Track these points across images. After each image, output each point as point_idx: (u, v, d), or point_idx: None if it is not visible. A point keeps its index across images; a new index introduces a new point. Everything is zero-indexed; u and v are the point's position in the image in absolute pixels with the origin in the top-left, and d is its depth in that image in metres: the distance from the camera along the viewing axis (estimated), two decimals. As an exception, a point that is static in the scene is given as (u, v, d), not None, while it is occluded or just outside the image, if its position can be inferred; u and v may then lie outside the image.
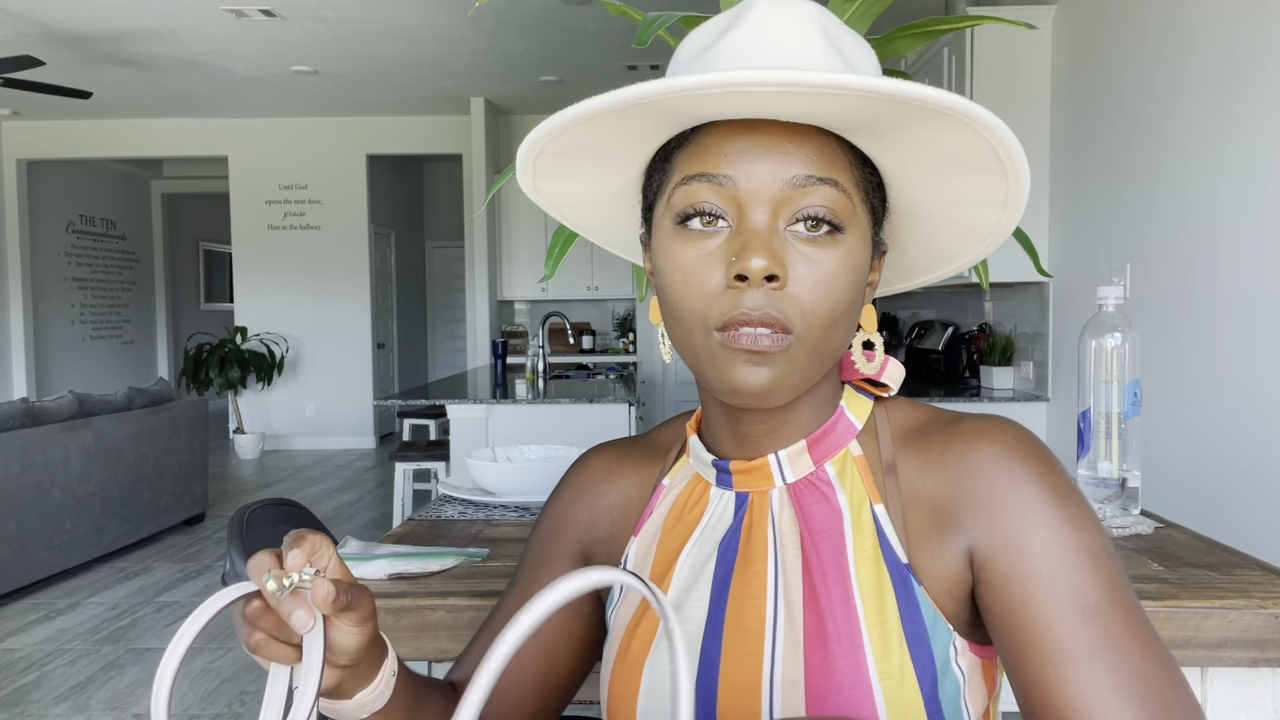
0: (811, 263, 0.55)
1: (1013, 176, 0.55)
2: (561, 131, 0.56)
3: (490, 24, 5.18)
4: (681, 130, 0.58)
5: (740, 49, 0.56)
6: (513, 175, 0.78)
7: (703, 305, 0.55)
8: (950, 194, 0.59)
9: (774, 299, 0.54)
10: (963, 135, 0.53)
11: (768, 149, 0.54)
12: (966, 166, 0.56)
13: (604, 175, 0.63)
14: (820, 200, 0.55)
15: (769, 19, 0.56)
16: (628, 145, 0.59)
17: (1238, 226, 2.37)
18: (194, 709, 2.80)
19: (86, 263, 8.71)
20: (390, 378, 8.70)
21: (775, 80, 0.48)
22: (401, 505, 4.32)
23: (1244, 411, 2.36)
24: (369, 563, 1.06)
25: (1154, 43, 2.75)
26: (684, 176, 0.56)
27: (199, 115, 7.58)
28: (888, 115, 0.52)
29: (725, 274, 0.55)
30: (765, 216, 0.55)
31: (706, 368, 0.57)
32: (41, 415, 4.00)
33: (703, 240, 0.56)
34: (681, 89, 0.49)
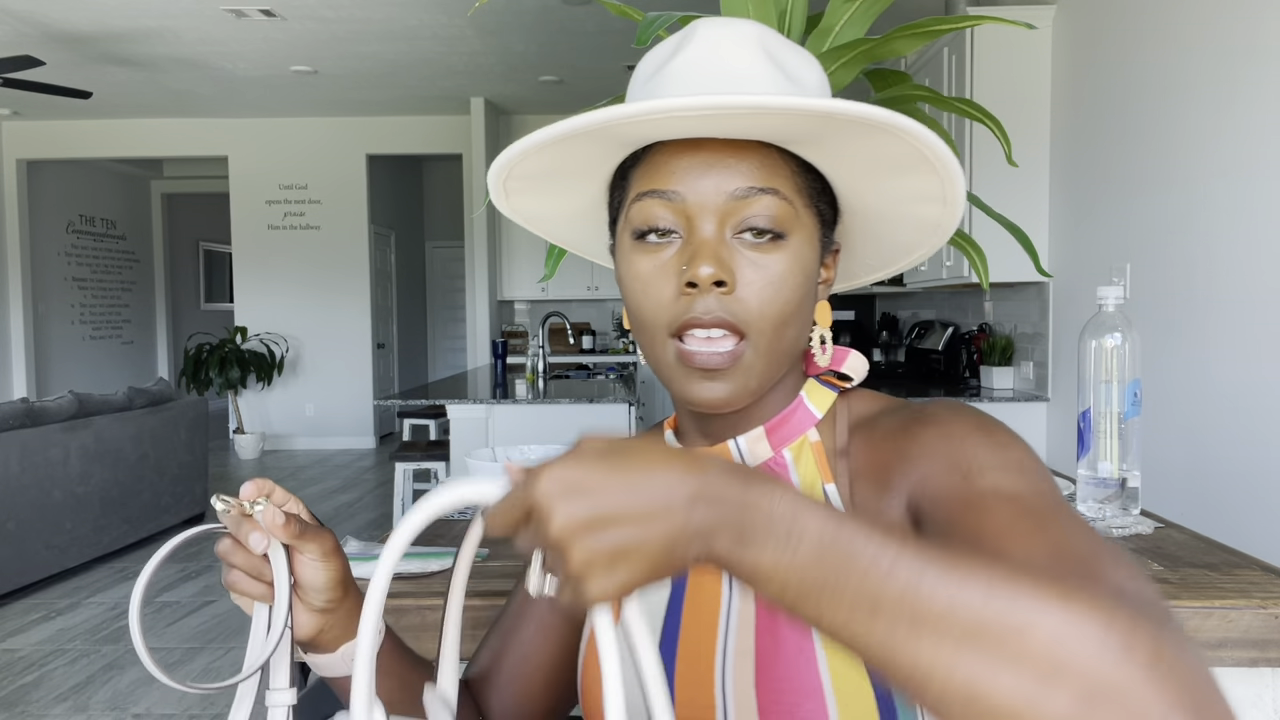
0: (758, 267, 0.59)
1: (945, 175, 0.59)
2: (522, 159, 0.61)
3: (490, 24, 5.18)
4: (635, 150, 0.62)
5: (686, 72, 0.60)
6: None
7: (659, 312, 0.60)
8: (893, 194, 0.63)
9: (724, 303, 0.58)
10: (892, 142, 0.56)
11: (711, 164, 0.58)
12: (903, 169, 0.59)
13: (571, 194, 0.68)
14: (762, 209, 0.58)
15: (712, 42, 0.61)
16: (588, 167, 0.64)
17: (1237, 227, 2.37)
18: (194, 709, 2.80)
19: (86, 263, 8.71)
20: (390, 378, 8.70)
21: (705, 105, 0.52)
22: (401, 505, 4.32)
23: (1244, 411, 2.36)
24: (369, 563, 1.06)
25: (1154, 43, 2.75)
26: (638, 193, 0.61)
27: (199, 115, 7.58)
28: (819, 128, 0.56)
29: (678, 282, 0.59)
30: (712, 227, 0.59)
31: (668, 379, 0.62)
32: (41, 415, 4.00)
33: (658, 251, 0.60)
34: (623, 117, 0.53)
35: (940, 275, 3.90)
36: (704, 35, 0.61)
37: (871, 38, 1.03)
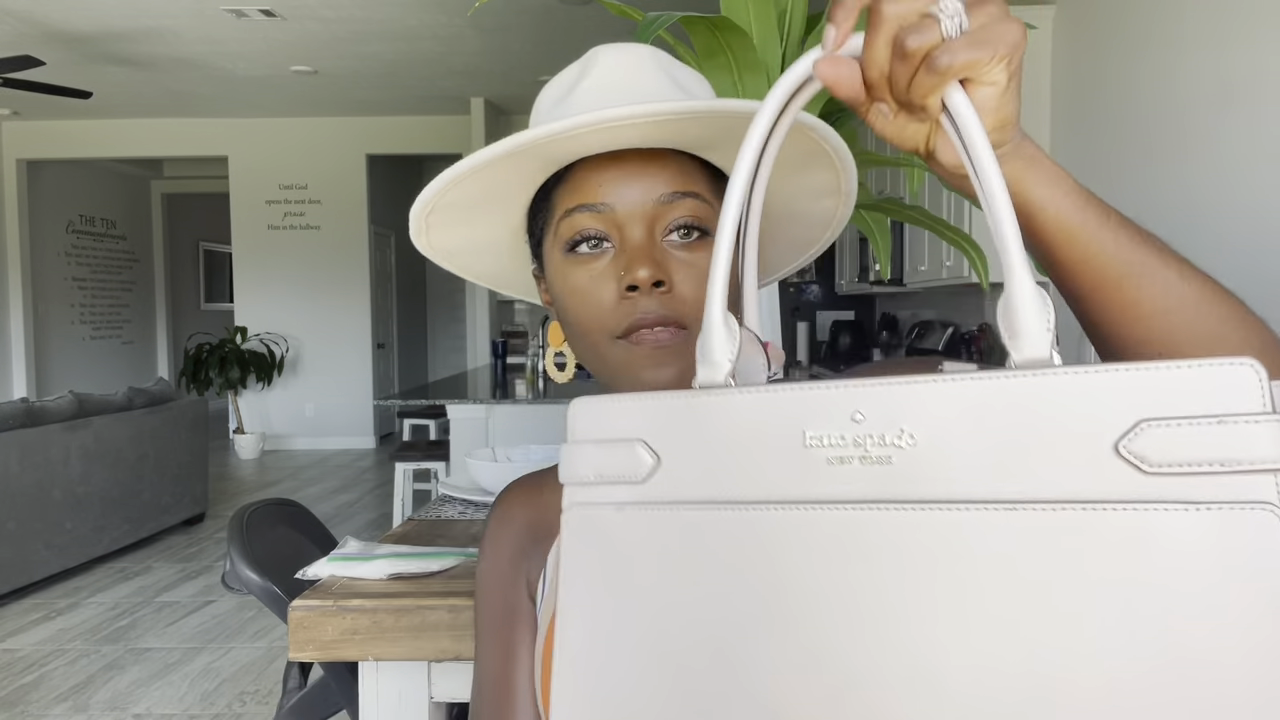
0: (689, 265, 0.62)
1: (842, 167, 0.65)
2: (453, 185, 0.63)
3: (490, 24, 5.18)
4: (556, 170, 0.65)
5: (595, 93, 0.64)
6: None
7: (603, 319, 0.62)
8: (794, 191, 0.68)
9: (664, 302, 0.61)
10: (792, 137, 0.60)
11: (635, 175, 0.62)
12: (803, 164, 0.64)
13: (491, 221, 0.70)
14: (686, 211, 0.62)
15: (615, 64, 0.65)
16: (510, 191, 0.67)
17: (1237, 227, 2.37)
18: (194, 709, 2.80)
19: (86, 263, 8.71)
20: (390, 378, 8.70)
21: (633, 114, 0.56)
22: (401, 505, 4.32)
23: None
24: (369, 563, 1.06)
25: (1153, 43, 2.75)
26: (566, 210, 0.63)
27: (199, 115, 7.58)
28: (728, 131, 0.60)
29: (617, 288, 0.62)
30: (643, 232, 0.62)
31: (617, 373, 0.64)
32: (41, 415, 4.00)
33: (592, 262, 0.63)
34: (557, 131, 0.57)
35: (940, 275, 3.89)
36: (605, 61, 0.65)
37: (871, 38, 1.03)
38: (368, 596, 0.98)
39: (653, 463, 0.42)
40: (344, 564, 1.07)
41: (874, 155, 1.10)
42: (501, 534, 0.75)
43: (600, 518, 0.43)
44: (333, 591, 1.00)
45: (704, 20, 1.01)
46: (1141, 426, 0.32)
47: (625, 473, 0.42)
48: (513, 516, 0.75)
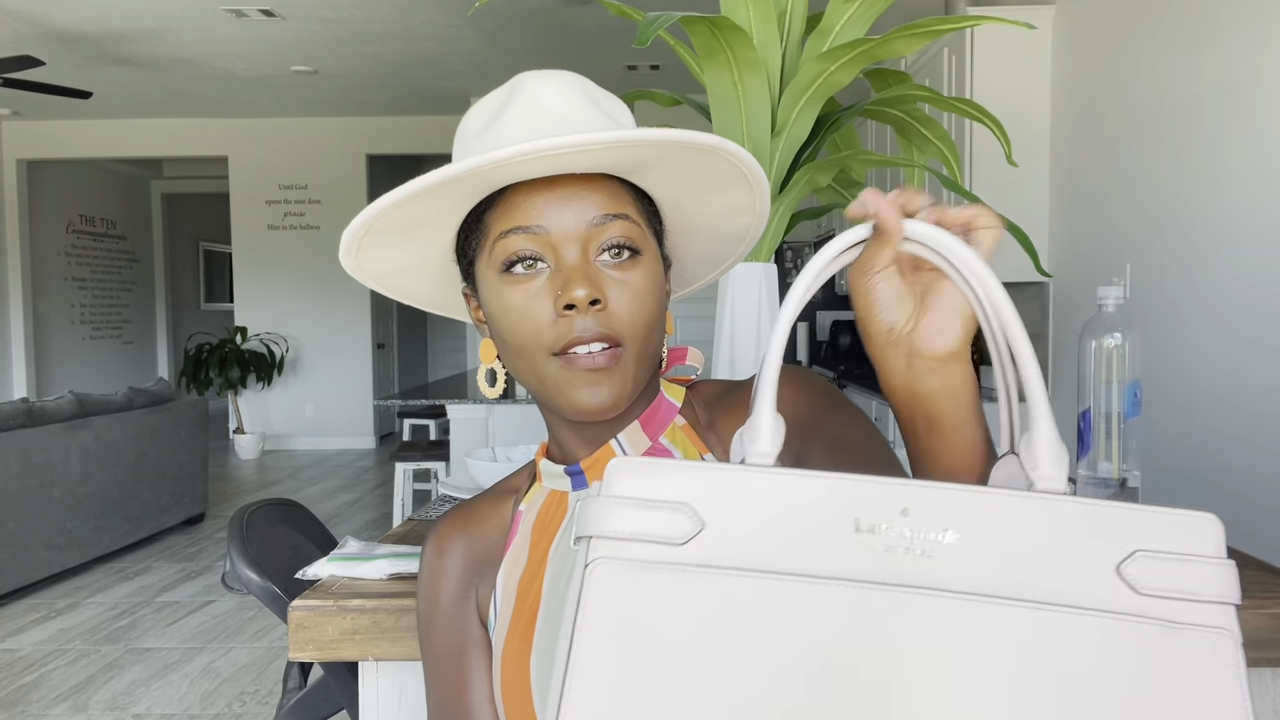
0: (622, 284, 0.65)
1: (757, 189, 0.69)
2: (390, 210, 0.64)
3: (490, 24, 5.18)
4: (488, 194, 0.67)
5: (524, 119, 0.67)
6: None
7: (539, 336, 0.65)
8: (712, 209, 0.72)
9: (600, 319, 0.64)
10: (715, 162, 0.65)
11: (568, 199, 0.65)
12: (722, 185, 0.68)
13: (423, 242, 0.72)
14: (618, 232, 0.65)
15: (540, 91, 0.68)
16: (442, 217, 0.68)
17: (1238, 227, 2.37)
18: (194, 709, 2.80)
19: (86, 263, 8.70)
20: (390, 378, 8.70)
21: (576, 142, 0.59)
22: (401, 505, 4.32)
23: (1244, 412, 2.36)
24: (369, 563, 1.06)
25: (1154, 42, 2.75)
26: (501, 232, 0.65)
27: (199, 115, 7.58)
28: (656, 156, 0.64)
29: (554, 306, 0.64)
30: (577, 253, 0.64)
31: (552, 392, 0.66)
32: (41, 415, 4.00)
33: (527, 282, 0.65)
34: (500, 159, 0.59)
35: (940, 275, 3.89)
36: (533, 88, 0.68)
37: (871, 38, 1.03)
38: (368, 596, 0.98)
39: (695, 527, 0.44)
40: (344, 564, 1.07)
41: (874, 155, 1.10)
42: (442, 564, 0.76)
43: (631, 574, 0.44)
44: (333, 591, 1.00)
45: (704, 20, 1.01)
46: (1136, 555, 0.40)
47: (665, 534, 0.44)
48: (452, 546, 0.76)
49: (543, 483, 0.76)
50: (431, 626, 0.75)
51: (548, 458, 0.77)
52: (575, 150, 0.60)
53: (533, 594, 0.70)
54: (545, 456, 0.77)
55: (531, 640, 0.68)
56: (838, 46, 1.05)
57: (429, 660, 0.75)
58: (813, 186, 1.18)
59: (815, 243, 6.36)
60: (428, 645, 0.75)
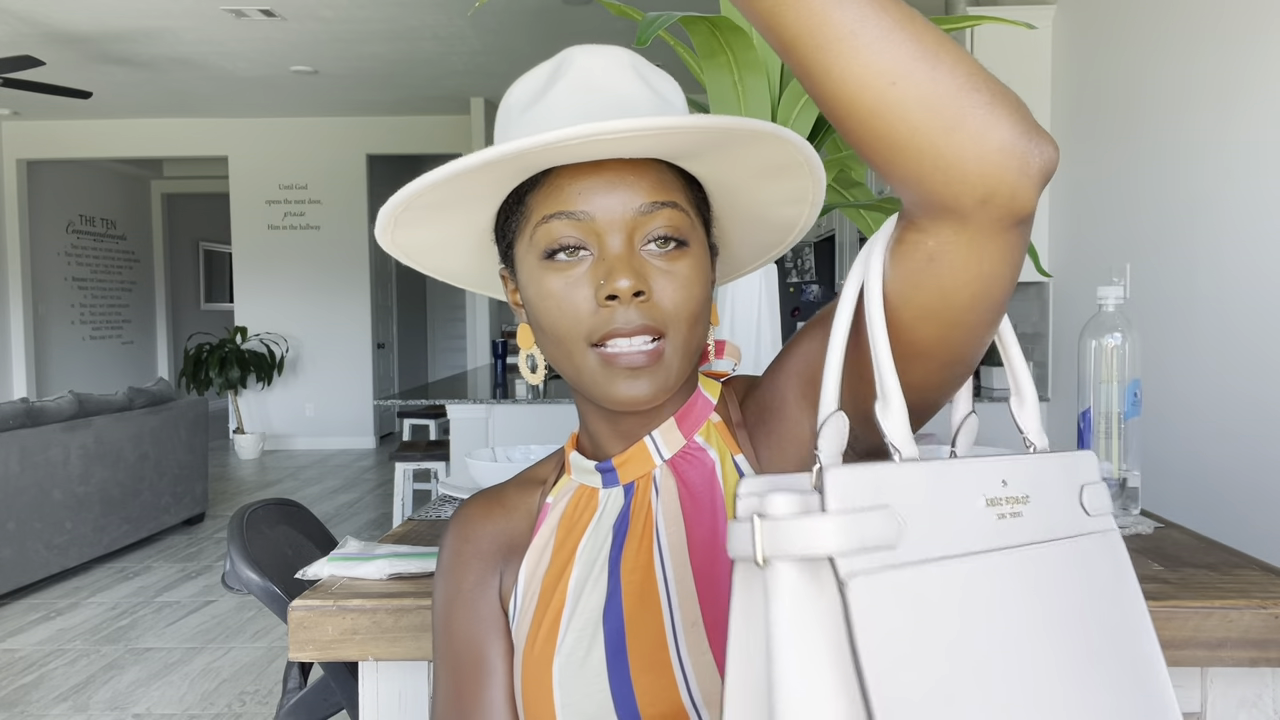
0: (668, 274, 0.63)
1: (814, 177, 0.66)
2: (430, 190, 0.62)
3: (490, 24, 5.18)
4: (531, 175, 0.65)
5: (571, 97, 0.64)
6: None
7: (578, 325, 0.63)
8: (764, 197, 0.69)
9: (643, 311, 0.62)
10: (771, 149, 0.62)
11: (615, 184, 0.62)
12: (777, 173, 0.65)
13: (460, 223, 0.70)
14: (665, 221, 0.63)
15: (590, 68, 0.65)
16: (483, 195, 0.66)
17: (1238, 226, 2.37)
18: (194, 709, 2.80)
19: (86, 263, 8.70)
20: (390, 378, 8.70)
21: (631, 127, 0.56)
22: (401, 505, 4.33)
23: (1244, 411, 2.36)
24: (369, 563, 1.06)
25: (1154, 42, 2.75)
26: (544, 216, 0.63)
27: (199, 115, 7.58)
28: (709, 141, 0.61)
29: (595, 295, 0.62)
30: (622, 241, 0.62)
31: (589, 384, 0.64)
32: (41, 415, 4.00)
33: (569, 269, 0.63)
34: (550, 142, 0.56)
35: (940, 275, 3.89)
36: (581, 63, 0.65)
37: (871, 38, 1.03)
38: (368, 596, 0.98)
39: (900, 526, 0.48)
40: (344, 564, 1.07)
41: (874, 155, 1.10)
42: (465, 550, 0.75)
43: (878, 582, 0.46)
44: (333, 591, 1.00)
45: (704, 20, 1.01)
46: (1084, 488, 0.54)
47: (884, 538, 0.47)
48: (475, 533, 0.75)
49: (571, 476, 0.74)
50: (451, 613, 0.73)
51: (578, 450, 0.75)
52: (627, 135, 0.57)
53: (558, 593, 0.68)
54: (576, 448, 0.75)
55: (556, 640, 0.66)
56: (838, 46, 1.05)
57: (445, 648, 0.73)
58: (813, 186, 1.18)
59: (815, 243, 6.36)
60: (445, 633, 0.73)
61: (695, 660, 0.61)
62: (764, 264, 0.80)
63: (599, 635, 0.64)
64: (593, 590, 0.67)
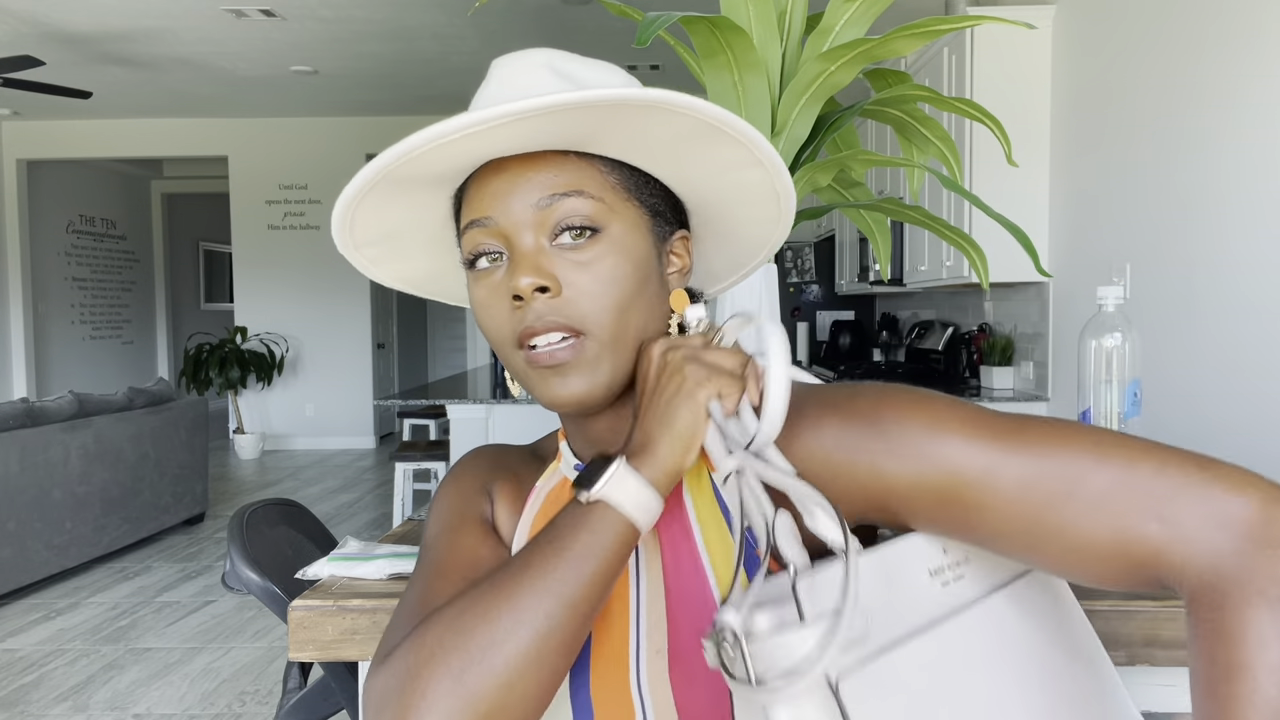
0: (582, 265, 0.61)
1: (741, 136, 0.60)
2: (347, 225, 0.65)
3: (490, 24, 5.18)
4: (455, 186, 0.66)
5: (479, 106, 0.63)
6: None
7: (502, 330, 0.63)
8: (710, 169, 0.65)
9: (554, 306, 0.60)
10: (668, 119, 0.59)
11: (513, 182, 0.61)
12: (695, 141, 0.61)
13: (423, 251, 0.71)
14: (567, 212, 0.61)
15: (504, 76, 0.65)
16: (421, 220, 0.68)
17: (1238, 226, 2.37)
18: (194, 709, 2.80)
19: (86, 263, 8.70)
20: (390, 378, 8.70)
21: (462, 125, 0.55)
22: (401, 505, 4.32)
23: (1244, 411, 2.36)
24: (369, 563, 1.06)
25: (1154, 42, 2.75)
26: (463, 227, 0.64)
27: (199, 115, 7.58)
28: (589, 122, 0.58)
29: (509, 298, 0.62)
30: (529, 239, 0.61)
31: (528, 388, 0.64)
32: (41, 415, 4.00)
33: (490, 275, 0.63)
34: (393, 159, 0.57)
35: (940, 275, 3.90)
36: (497, 71, 0.65)
37: (871, 38, 1.03)
38: (368, 596, 0.98)
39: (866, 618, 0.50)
40: (344, 564, 1.07)
41: (874, 155, 1.10)
42: (471, 469, 0.75)
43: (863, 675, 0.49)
44: (333, 591, 1.00)
45: (704, 20, 1.01)
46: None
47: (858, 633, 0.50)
48: (482, 468, 0.76)
49: (560, 465, 0.74)
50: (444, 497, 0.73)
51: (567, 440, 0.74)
52: (477, 129, 0.55)
53: None
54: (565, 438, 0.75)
55: None
56: (838, 46, 1.05)
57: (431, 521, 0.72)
58: (813, 186, 1.18)
59: (815, 243, 6.36)
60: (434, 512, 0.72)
61: (654, 691, 0.59)
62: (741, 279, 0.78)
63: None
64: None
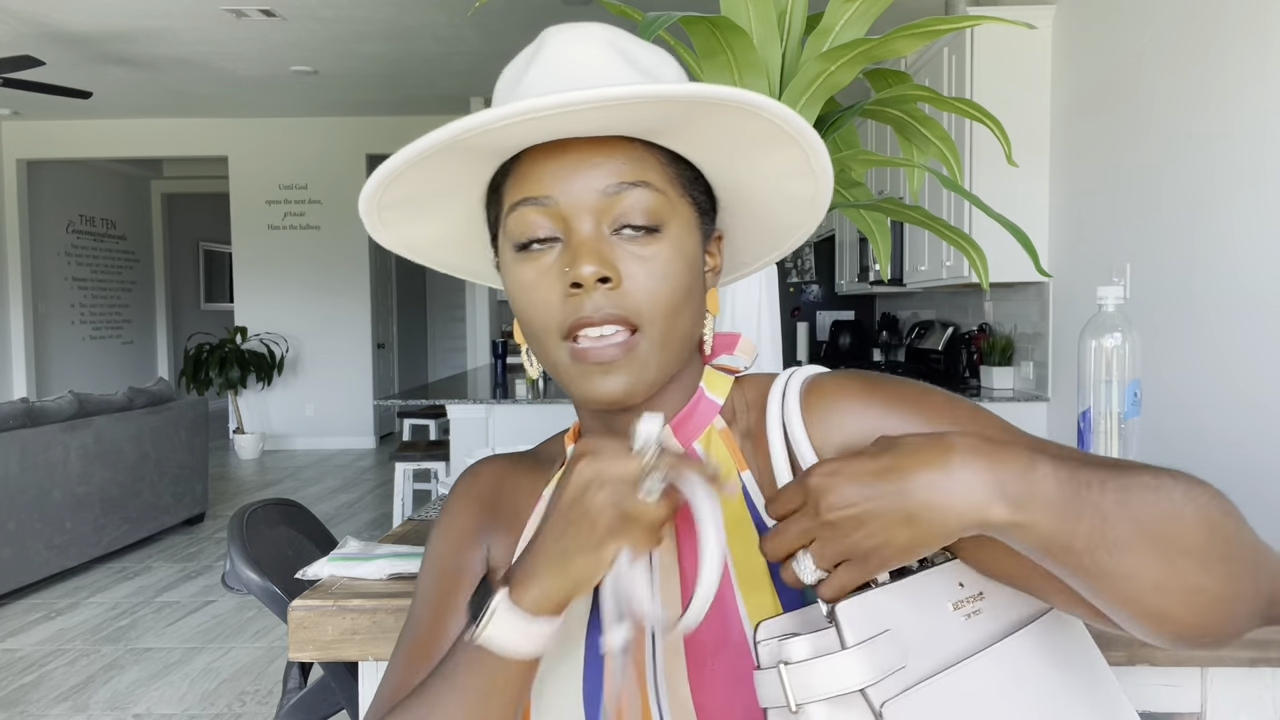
0: (641, 260, 0.59)
1: (807, 146, 0.60)
2: (384, 187, 0.61)
3: (490, 24, 5.18)
4: (503, 161, 0.62)
5: (542, 80, 0.61)
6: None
7: (549, 317, 0.60)
8: (763, 172, 0.64)
9: (613, 299, 0.58)
10: (749, 120, 0.58)
11: (579, 165, 0.59)
12: (765, 146, 0.61)
13: (446, 216, 0.68)
14: (635, 203, 0.59)
15: (563, 49, 0.62)
16: (457, 186, 0.64)
17: (1238, 226, 2.37)
18: (194, 709, 2.80)
19: (86, 263, 8.70)
20: (390, 378, 8.70)
21: (557, 103, 0.52)
22: (401, 505, 4.32)
23: (1244, 411, 2.36)
24: (369, 563, 1.06)
25: (1154, 42, 2.75)
26: (512, 204, 0.61)
27: (199, 115, 7.58)
28: (674, 115, 0.57)
29: (563, 285, 0.59)
30: (590, 225, 0.59)
31: (567, 381, 0.62)
32: (41, 415, 4.00)
33: (540, 258, 0.60)
34: (476, 126, 0.54)
35: (940, 275, 3.89)
36: (554, 43, 0.63)
37: (871, 38, 1.03)
38: (368, 596, 0.98)
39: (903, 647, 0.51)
40: (344, 564, 1.07)
41: (873, 155, 1.10)
42: (466, 504, 0.74)
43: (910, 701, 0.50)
44: (333, 591, 1.00)
45: (704, 20, 1.01)
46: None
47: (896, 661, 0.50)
48: (480, 493, 0.74)
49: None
50: (434, 550, 0.73)
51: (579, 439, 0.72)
52: (569, 109, 0.53)
53: None
54: (576, 439, 0.73)
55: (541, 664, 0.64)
56: (838, 46, 1.05)
57: (420, 584, 0.72)
58: (813, 186, 1.18)
59: (815, 243, 6.36)
60: (425, 569, 0.73)
61: (672, 690, 0.59)
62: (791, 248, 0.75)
63: (579, 642, 0.63)
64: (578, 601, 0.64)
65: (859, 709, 0.48)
